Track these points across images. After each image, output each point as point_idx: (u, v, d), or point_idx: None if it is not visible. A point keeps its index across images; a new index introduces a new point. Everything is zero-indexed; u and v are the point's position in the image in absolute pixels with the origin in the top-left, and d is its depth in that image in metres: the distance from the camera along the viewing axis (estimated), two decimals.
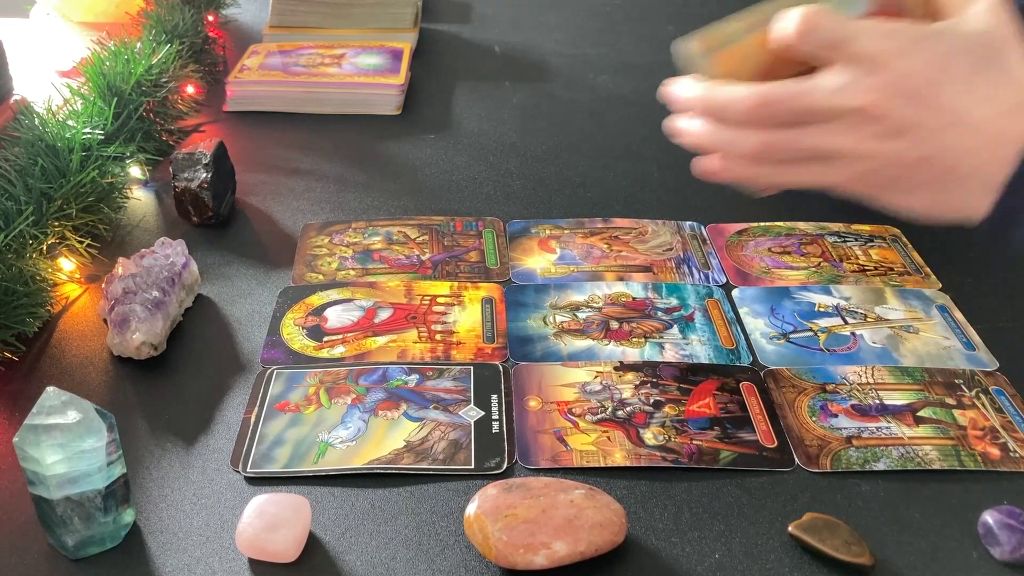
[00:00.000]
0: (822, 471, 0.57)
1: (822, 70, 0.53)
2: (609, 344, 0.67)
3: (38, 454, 0.48)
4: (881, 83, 0.51)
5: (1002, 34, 0.53)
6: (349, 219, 0.82)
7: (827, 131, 0.53)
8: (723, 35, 0.57)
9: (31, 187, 0.72)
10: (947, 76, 0.51)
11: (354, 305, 0.71)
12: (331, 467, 0.57)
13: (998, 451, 0.59)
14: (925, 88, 0.51)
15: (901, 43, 0.52)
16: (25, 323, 0.65)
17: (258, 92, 1.01)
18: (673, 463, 0.58)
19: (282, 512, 0.51)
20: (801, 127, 0.54)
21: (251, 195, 0.85)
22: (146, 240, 0.78)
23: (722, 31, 0.57)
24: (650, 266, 0.76)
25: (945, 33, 0.53)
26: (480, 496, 0.52)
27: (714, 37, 0.57)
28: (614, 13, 1.31)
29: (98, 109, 0.84)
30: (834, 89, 0.52)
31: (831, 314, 0.71)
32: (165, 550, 0.52)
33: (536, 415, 0.61)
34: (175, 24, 1.04)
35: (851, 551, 0.51)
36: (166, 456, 0.58)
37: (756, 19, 0.56)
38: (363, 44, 1.10)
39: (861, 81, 0.52)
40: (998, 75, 0.52)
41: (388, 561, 0.51)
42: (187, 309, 0.70)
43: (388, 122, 1.00)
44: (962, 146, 0.52)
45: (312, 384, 0.63)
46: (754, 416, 0.61)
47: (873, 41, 0.52)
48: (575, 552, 0.49)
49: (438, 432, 0.59)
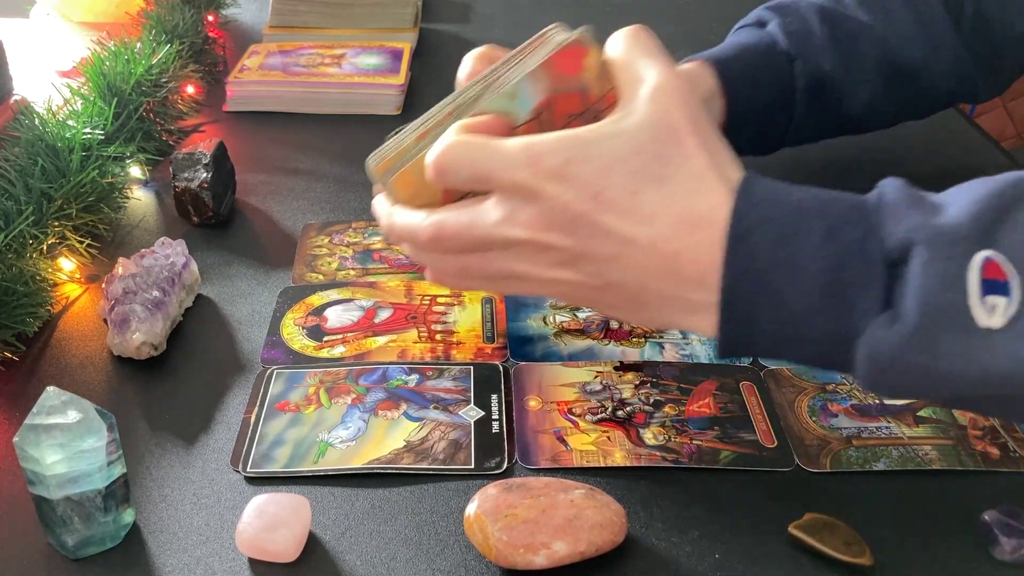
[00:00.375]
0: (822, 471, 0.57)
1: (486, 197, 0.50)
2: (609, 344, 0.67)
3: (38, 454, 0.48)
4: (535, 217, 0.48)
5: (667, 126, 0.48)
6: (349, 219, 0.82)
7: (507, 258, 0.51)
8: (398, 153, 0.54)
9: (31, 187, 0.72)
10: (605, 199, 0.47)
11: (354, 305, 0.71)
12: (331, 467, 0.57)
13: (998, 451, 0.59)
14: (582, 217, 0.47)
15: (551, 167, 0.47)
16: (25, 323, 0.65)
17: (258, 92, 1.01)
18: (673, 463, 0.58)
19: (282, 512, 0.52)
20: (487, 252, 0.51)
21: (251, 195, 0.85)
22: (146, 240, 0.78)
23: (398, 147, 0.54)
24: None
25: (602, 141, 0.48)
26: (480, 496, 0.52)
27: (390, 156, 0.55)
28: (614, 13, 1.31)
29: (98, 109, 0.84)
30: (494, 223, 0.49)
31: None
32: (165, 550, 0.52)
33: (536, 415, 0.61)
34: (175, 24, 1.04)
35: (851, 551, 0.51)
36: (166, 456, 0.58)
37: (424, 131, 0.54)
38: (363, 44, 1.10)
39: (516, 215, 0.49)
40: (661, 184, 0.47)
41: (388, 561, 0.51)
42: (187, 309, 0.70)
43: (388, 122, 1.00)
44: (641, 269, 0.48)
45: (312, 384, 0.63)
46: (754, 416, 0.61)
47: (519, 171, 0.48)
48: (575, 552, 0.49)
49: (438, 432, 0.59)
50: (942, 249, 0.43)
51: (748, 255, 0.46)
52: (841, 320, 0.45)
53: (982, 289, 0.42)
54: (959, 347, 0.43)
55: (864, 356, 0.45)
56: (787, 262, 0.45)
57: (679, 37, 1.23)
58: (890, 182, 0.47)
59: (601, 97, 0.53)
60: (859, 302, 0.45)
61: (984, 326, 0.42)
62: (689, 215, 0.47)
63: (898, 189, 0.46)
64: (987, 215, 0.44)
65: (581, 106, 0.53)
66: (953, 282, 0.43)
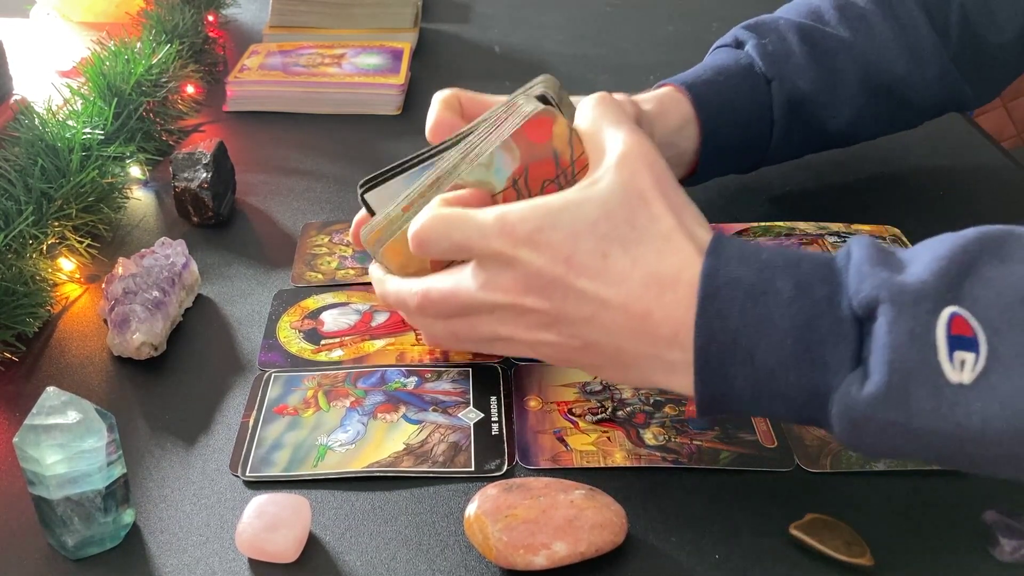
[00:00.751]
0: (822, 471, 0.57)
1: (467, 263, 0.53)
2: None
3: (38, 454, 0.48)
4: (511, 282, 0.51)
5: (634, 190, 0.50)
6: (349, 219, 0.82)
7: (492, 321, 0.53)
8: (386, 224, 0.58)
9: (31, 187, 0.72)
10: (576, 263, 0.49)
11: (350, 309, 0.71)
12: (331, 471, 0.57)
13: None
14: (556, 281, 0.49)
15: (523, 235, 0.50)
16: (25, 323, 0.65)
17: (258, 92, 1.01)
18: (673, 463, 0.58)
19: (282, 512, 0.52)
20: (472, 316, 0.54)
21: (251, 195, 0.85)
22: (146, 240, 0.78)
23: (386, 219, 0.58)
24: None
25: (572, 208, 0.50)
26: (480, 496, 0.52)
27: (379, 227, 0.58)
28: (614, 13, 1.31)
29: (98, 109, 0.84)
30: (474, 289, 0.52)
31: None
32: (165, 550, 0.52)
33: (536, 415, 0.61)
34: (175, 24, 1.04)
35: (851, 551, 0.51)
36: (166, 456, 0.58)
37: (411, 202, 0.57)
38: (363, 44, 1.10)
39: (494, 281, 0.51)
40: (629, 246, 0.48)
41: (388, 561, 0.52)
42: (187, 309, 0.70)
43: (388, 122, 1.00)
44: (616, 330, 0.49)
45: (310, 387, 0.63)
46: (754, 416, 0.61)
47: (494, 240, 0.50)
48: (575, 552, 0.49)
49: (438, 434, 0.59)
50: (908, 307, 0.43)
51: (718, 314, 0.46)
52: (815, 376, 0.45)
53: (949, 345, 0.43)
54: (930, 403, 0.43)
55: (838, 414, 0.45)
56: (757, 319, 0.46)
57: (679, 37, 1.24)
58: (856, 240, 0.48)
59: (573, 161, 0.56)
60: (830, 359, 0.45)
61: (955, 381, 0.43)
62: (658, 275, 0.48)
63: (865, 247, 0.47)
64: (952, 270, 0.44)
65: (555, 171, 0.57)
66: (921, 339, 0.43)
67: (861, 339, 0.45)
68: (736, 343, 0.46)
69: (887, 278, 0.45)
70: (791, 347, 0.45)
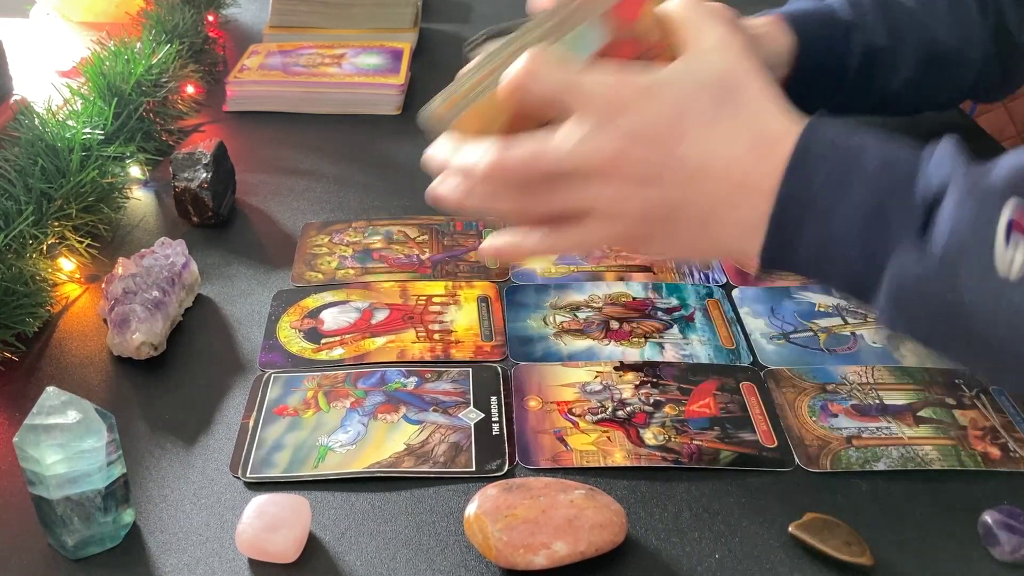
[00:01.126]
0: (822, 471, 0.57)
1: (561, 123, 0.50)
2: (609, 344, 0.67)
3: (38, 454, 0.48)
4: (618, 134, 0.49)
5: (737, 70, 0.51)
6: (349, 219, 0.82)
7: (575, 186, 0.51)
8: (462, 93, 0.54)
9: (31, 187, 0.72)
10: (684, 125, 0.49)
11: (350, 307, 0.71)
12: (332, 471, 0.57)
13: (998, 451, 0.59)
14: (662, 139, 0.49)
15: (641, 84, 0.49)
16: (25, 323, 0.65)
17: (258, 92, 1.01)
18: (673, 463, 0.58)
19: (282, 512, 0.51)
20: (550, 186, 0.51)
21: (251, 195, 0.85)
22: (146, 240, 0.78)
23: (461, 88, 0.54)
24: (650, 266, 0.76)
25: (677, 79, 0.50)
26: (480, 496, 0.52)
27: (454, 97, 0.54)
28: None
29: (98, 109, 0.84)
30: (571, 145, 0.50)
31: (831, 314, 0.71)
32: (165, 550, 0.52)
33: (536, 415, 0.61)
34: (175, 24, 1.04)
35: (851, 551, 0.51)
36: (166, 456, 0.58)
37: (491, 70, 0.53)
38: (363, 44, 1.10)
39: (596, 133, 0.49)
40: (735, 117, 0.50)
41: (388, 561, 0.51)
42: (187, 309, 0.70)
43: (388, 122, 1.00)
44: (711, 194, 0.50)
45: (310, 388, 0.63)
46: (754, 416, 0.61)
47: (604, 89, 0.49)
48: (575, 552, 0.49)
49: (438, 435, 0.59)
50: (977, 193, 0.45)
51: (806, 174, 0.49)
52: (876, 247, 0.48)
53: (1007, 235, 0.44)
54: (976, 284, 0.45)
55: (889, 280, 0.47)
56: (840, 185, 0.48)
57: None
58: (947, 137, 0.50)
59: (651, 47, 0.55)
60: (896, 233, 0.47)
61: (1003, 271, 0.44)
62: (762, 137, 0.50)
63: (952, 141, 0.49)
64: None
65: (634, 53, 0.54)
66: (983, 223, 0.45)
67: (927, 221, 0.47)
68: (815, 202, 0.48)
69: (964, 169, 0.47)
70: (863, 216, 0.48)
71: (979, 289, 0.45)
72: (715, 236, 0.52)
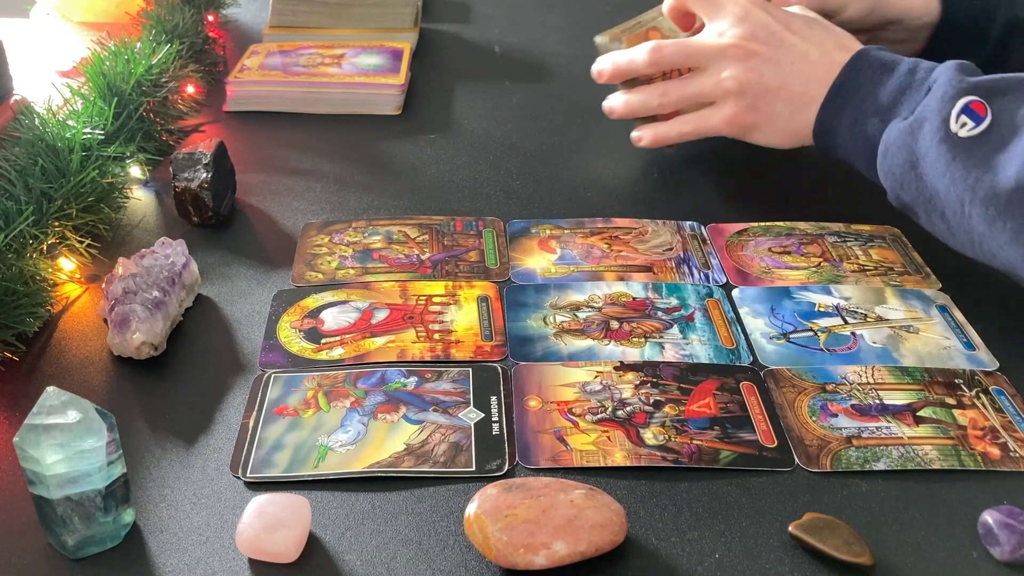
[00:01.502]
0: (822, 471, 0.57)
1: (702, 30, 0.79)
2: (609, 344, 0.67)
3: (38, 454, 0.48)
4: (749, 29, 0.76)
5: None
6: (349, 219, 0.82)
7: (709, 72, 0.78)
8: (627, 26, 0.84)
9: (31, 187, 0.72)
10: (792, 27, 0.76)
11: (350, 307, 0.71)
12: (332, 471, 0.57)
13: (998, 451, 0.59)
14: (777, 35, 0.75)
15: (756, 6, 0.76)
16: (25, 323, 0.65)
17: (258, 92, 1.01)
18: (673, 463, 0.58)
19: (282, 512, 0.52)
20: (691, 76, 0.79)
21: (251, 195, 0.85)
22: (146, 240, 0.78)
23: (625, 25, 0.85)
24: (650, 266, 0.76)
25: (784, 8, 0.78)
26: (480, 496, 0.52)
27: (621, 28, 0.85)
28: (614, 13, 1.31)
29: (98, 109, 0.84)
30: (711, 36, 0.77)
31: (831, 314, 0.71)
32: (165, 550, 0.52)
33: (536, 415, 0.61)
34: (175, 24, 1.04)
35: (851, 551, 0.51)
36: (166, 456, 0.58)
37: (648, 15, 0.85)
38: (363, 44, 1.10)
39: (729, 30, 0.77)
40: (825, 29, 0.76)
41: (388, 561, 0.51)
42: (187, 309, 0.70)
43: (388, 122, 1.00)
44: (806, 77, 0.74)
45: (310, 388, 0.63)
46: (754, 416, 0.61)
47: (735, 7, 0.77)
48: (575, 552, 0.49)
49: (438, 434, 0.59)
50: (954, 83, 0.65)
51: (857, 71, 0.72)
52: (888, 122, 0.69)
53: (962, 111, 0.64)
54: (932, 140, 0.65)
55: (881, 147, 0.69)
56: (876, 80, 0.71)
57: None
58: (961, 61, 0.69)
59: None
60: (900, 112, 0.69)
61: (953, 131, 0.64)
62: (840, 44, 0.75)
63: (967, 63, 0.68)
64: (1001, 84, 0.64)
65: None
66: (947, 100, 0.65)
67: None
68: (858, 89, 0.72)
69: (959, 74, 0.66)
70: (886, 101, 0.70)
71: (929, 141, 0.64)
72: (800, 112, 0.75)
